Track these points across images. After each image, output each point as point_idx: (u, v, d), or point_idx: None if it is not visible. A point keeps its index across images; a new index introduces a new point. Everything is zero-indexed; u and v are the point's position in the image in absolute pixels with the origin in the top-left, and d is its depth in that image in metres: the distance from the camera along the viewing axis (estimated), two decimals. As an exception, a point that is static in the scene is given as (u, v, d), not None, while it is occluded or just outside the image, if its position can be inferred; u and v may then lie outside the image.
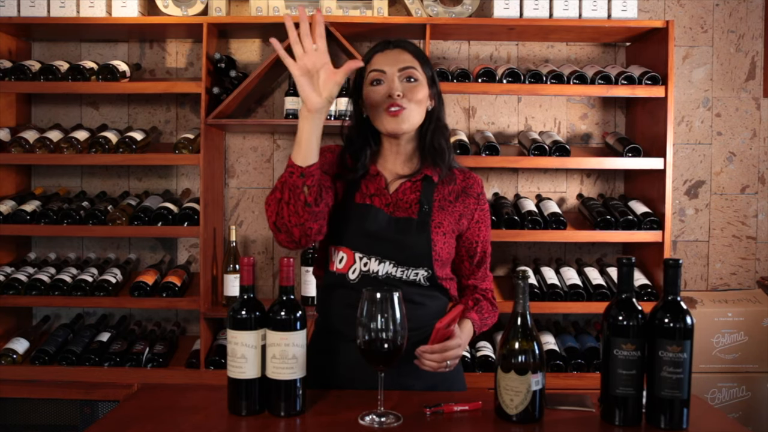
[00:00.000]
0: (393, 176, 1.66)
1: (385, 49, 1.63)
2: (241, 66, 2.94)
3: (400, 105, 1.57)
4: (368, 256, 1.57)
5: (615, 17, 2.71)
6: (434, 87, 1.65)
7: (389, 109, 1.57)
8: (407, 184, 1.64)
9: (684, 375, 1.29)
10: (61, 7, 2.71)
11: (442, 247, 1.60)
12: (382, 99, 1.58)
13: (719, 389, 2.71)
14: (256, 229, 3.05)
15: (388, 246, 1.57)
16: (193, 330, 3.03)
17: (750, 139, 3.05)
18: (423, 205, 1.60)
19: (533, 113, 3.05)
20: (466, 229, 1.66)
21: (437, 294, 1.63)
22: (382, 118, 1.59)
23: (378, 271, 1.56)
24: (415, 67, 1.61)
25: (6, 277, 2.70)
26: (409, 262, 1.57)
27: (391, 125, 1.58)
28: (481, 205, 1.69)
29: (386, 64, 1.60)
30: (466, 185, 1.68)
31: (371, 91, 1.60)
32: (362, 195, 1.62)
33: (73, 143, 2.72)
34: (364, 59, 1.64)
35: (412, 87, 1.59)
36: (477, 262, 1.70)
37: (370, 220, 1.58)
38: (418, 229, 1.58)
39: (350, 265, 1.58)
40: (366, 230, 1.57)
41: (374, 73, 1.60)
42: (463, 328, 1.59)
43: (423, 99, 1.61)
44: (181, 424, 1.33)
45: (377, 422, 1.32)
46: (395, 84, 1.58)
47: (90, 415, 2.61)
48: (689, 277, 3.08)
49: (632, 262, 1.33)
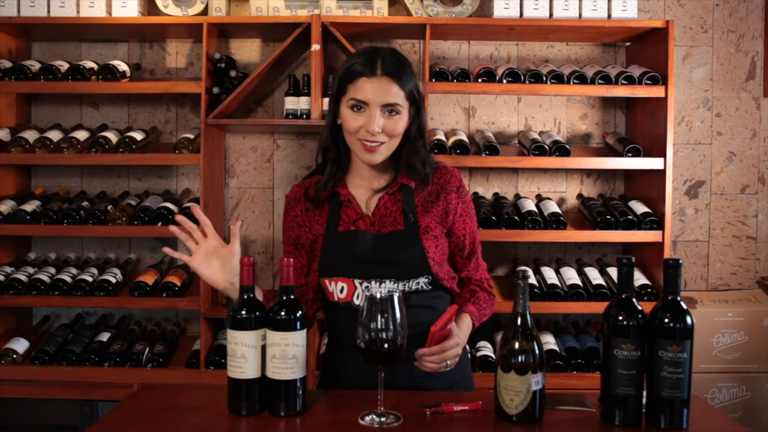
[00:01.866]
0: (368, 192, 1.64)
1: (372, 75, 1.53)
2: (241, 66, 2.94)
3: (378, 141, 1.54)
4: (367, 280, 1.56)
5: (615, 17, 2.71)
6: (414, 105, 1.59)
7: (365, 143, 1.54)
8: (386, 197, 1.62)
9: (684, 375, 1.29)
10: (61, 7, 2.71)
11: (435, 251, 1.59)
12: (360, 129, 1.54)
13: (719, 389, 2.71)
14: (256, 229, 3.05)
15: (384, 266, 1.56)
16: (193, 330, 3.03)
17: (750, 139, 3.05)
18: (407, 215, 1.59)
19: (533, 113, 3.05)
20: (452, 224, 1.65)
21: (441, 294, 1.63)
22: (356, 148, 1.57)
23: (381, 291, 1.55)
24: (399, 102, 1.54)
25: (6, 277, 2.70)
26: (409, 275, 1.57)
27: (366, 158, 1.56)
28: (462, 197, 1.66)
29: (371, 94, 1.53)
30: (444, 181, 1.65)
31: (350, 116, 1.55)
32: (345, 224, 1.61)
33: (73, 143, 2.72)
34: (348, 73, 1.56)
35: (394, 121, 1.55)
36: (467, 254, 1.69)
37: (359, 244, 1.57)
38: (409, 240, 1.57)
39: (352, 293, 1.57)
40: (358, 256, 1.56)
41: (355, 101, 1.54)
42: (461, 324, 1.58)
43: (402, 128, 1.57)
44: (181, 424, 1.33)
45: (377, 422, 1.32)
46: (376, 120, 1.52)
47: (90, 415, 2.61)
48: (689, 277, 3.08)
49: (632, 262, 1.33)
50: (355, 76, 1.54)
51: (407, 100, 1.57)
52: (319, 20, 2.64)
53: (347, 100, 1.56)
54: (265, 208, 3.05)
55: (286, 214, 1.69)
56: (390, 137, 1.55)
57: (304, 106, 2.71)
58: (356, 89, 1.54)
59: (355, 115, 1.55)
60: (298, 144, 3.03)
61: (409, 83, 1.57)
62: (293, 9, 2.75)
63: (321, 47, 2.66)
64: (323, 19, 2.64)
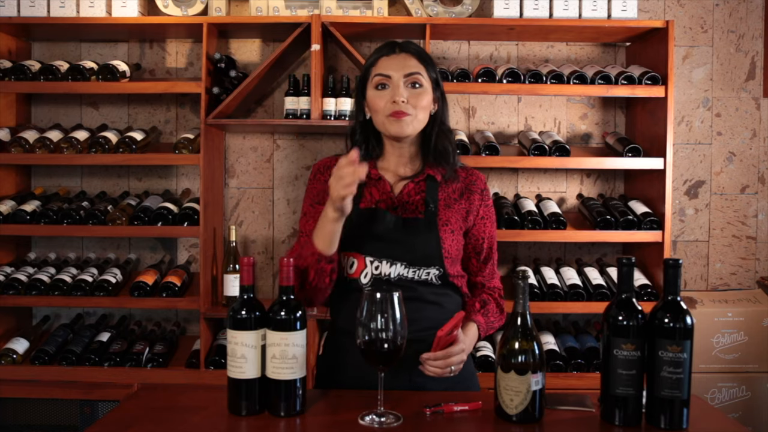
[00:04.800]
0: (395, 178, 1.67)
1: (391, 52, 1.63)
2: (241, 66, 2.94)
3: (405, 111, 1.58)
4: (379, 259, 1.58)
5: (615, 17, 2.71)
6: (438, 89, 1.66)
7: (393, 113, 1.59)
8: (411, 185, 1.65)
9: (684, 375, 1.29)
10: (61, 7, 2.71)
11: (451, 245, 1.61)
12: (387, 104, 1.60)
13: (719, 389, 2.71)
14: (256, 229, 3.05)
15: (398, 247, 1.58)
16: (193, 330, 3.03)
17: (750, 139, 3.05)
18: (429, 204, 1.62)
19: (533, 113, 3.05)
20: (472, 225, 1.67)
21: (450, 292, 1.64)
22: (385, 122, 1.61)
23: (390, 273, 1.57)
24: (420, 73, 1.62)
25: (6, 277, 2.70)
26: (420, 262, 1.58)
27: (394, 128, 1.60)
28: (485, 201, 1.69)
29: (392, 69, 1.61)
30: (470, 182, 1.69)
31: (376, 95, 1.62)
32: (367, 202, 1.63)
33: (73, 143, 2.72)
34: (369, 61, 1.66)
35: (418, 93, 1.60)
36: (483, 259, 1.71)
37: (378, 222, 1.59)
38: (426, 228, 1.59)
39: (361, 270, 1.58)
40: (375, 234, 1.59)
41: (379, 77, 1.61)
42: (467, 332, 1.59)
43: (427, 105, 1.63)
44: (181, 424, 1.33)
45: (377, 422, 1.32)
46: (400, 90, 1.59)
47: (90, 415, 2.61)
48: (689, 277, 3.08)
49: (632, 262, 1.33)
50: (376, 59, 1.64)
51: (430, 79, 1.63)
52: (319, 20, 2.64)
53: (371, 82, 1.63)
54: (265, 208, 3.05)
55: (314, 179, 1.69)
56: (416, 109, 1.60)
57: (304, 106, 2.71)
58: (377, 68, 1.63)
59: (380, 93, 1.61)
60: (298, 144, 3.03)
61: (429, 63, 1.65)
62: (293, 9, 2.75)
63: (321, 47, 2.66)
64: (323, 19, 2.64)
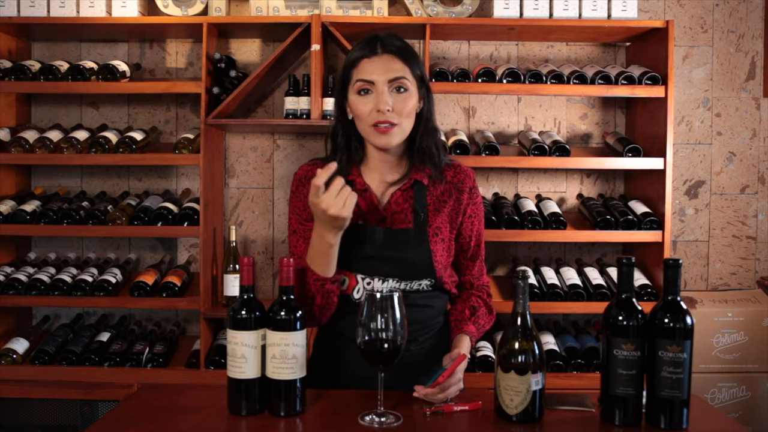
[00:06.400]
0: (381, 185, 1.61)
1: (372, 53, 1.52)
2: (241, 66, 2.94)
3: (390, 121, 1.50)
4: (371, 276, 1.56)
5: (615, 17, 2.71)
6: (423, 86, 1.57)
7: (378, 126, 1.50)
8: (398, 194, 1.59)
9: (684, 375, 1.29)
10: (61, 7, 2.70)
11: (442, 254, 1.59)
12: (371, 112, 1.51)
13: (719, 389, 2.71)
14: (256, 229, 3.05)
15: (389, 264, 1.56)
16: (193, 330, 3.03)
17: (750, 139, 3.05)
18: (418, 213, 1.57)
19: (533, 113, 3.04)
20: (460, 224, 1.64)
21: (439, 294, 1.64)
22: (369, 133, 1.53)
23: (382, 289, 1.55)
24: (405, 77, 1.52)
25: (6, 277, 2.70)
26: (412, 276, 1.57)
27: (380, 142, 1.53)
28: (473, 198, 1.65)
29: (375, 74, 1.50)
30: (458, 180, 1.63)
31: (358, 100, 1.52)
32: (354, 216, 1.53)
33: (73, 143, 2.72)
34: (350, 60, 1.55)
35: (403, 99, 1.51)
36: (471, 256, 1.68)
37: (368, 241, 1.55)
38: (417, 240, 1.56)
39: (353, 287, 1.57)
40: (365, 253, 1.55)
41: (361, 83, 1.51)
42: (461, 345, 1.58)
43: (413, 108, 1.54)
44: (181, 424, 1.33)
45: (377, 422, 1.32)
46: (384, 98, 1.49)
47: (90, 415, 2.61)
48: (689, 277, 3.08)
49: (632, 262, 1.33)
50: (357, 60, 1.54)
51: (414, 78, 1.54)
52: (319, 20, 2.64)
53: (353, 86, 1.53)
54: (265, 208, 3.05)
55: (297, 191, 1.62)
56: (401, 116, 1.51)
57: (304, 106, 2.70)
58: (359, 71, 1.53)
59: (363, 99, 1.52)
60: (298, 144, 3.03)
61: (413, 61, 1.55)
62: (293, 9, 2.75)
63: (321, 47, 2.66)
64: (323, 19, 2.64)
